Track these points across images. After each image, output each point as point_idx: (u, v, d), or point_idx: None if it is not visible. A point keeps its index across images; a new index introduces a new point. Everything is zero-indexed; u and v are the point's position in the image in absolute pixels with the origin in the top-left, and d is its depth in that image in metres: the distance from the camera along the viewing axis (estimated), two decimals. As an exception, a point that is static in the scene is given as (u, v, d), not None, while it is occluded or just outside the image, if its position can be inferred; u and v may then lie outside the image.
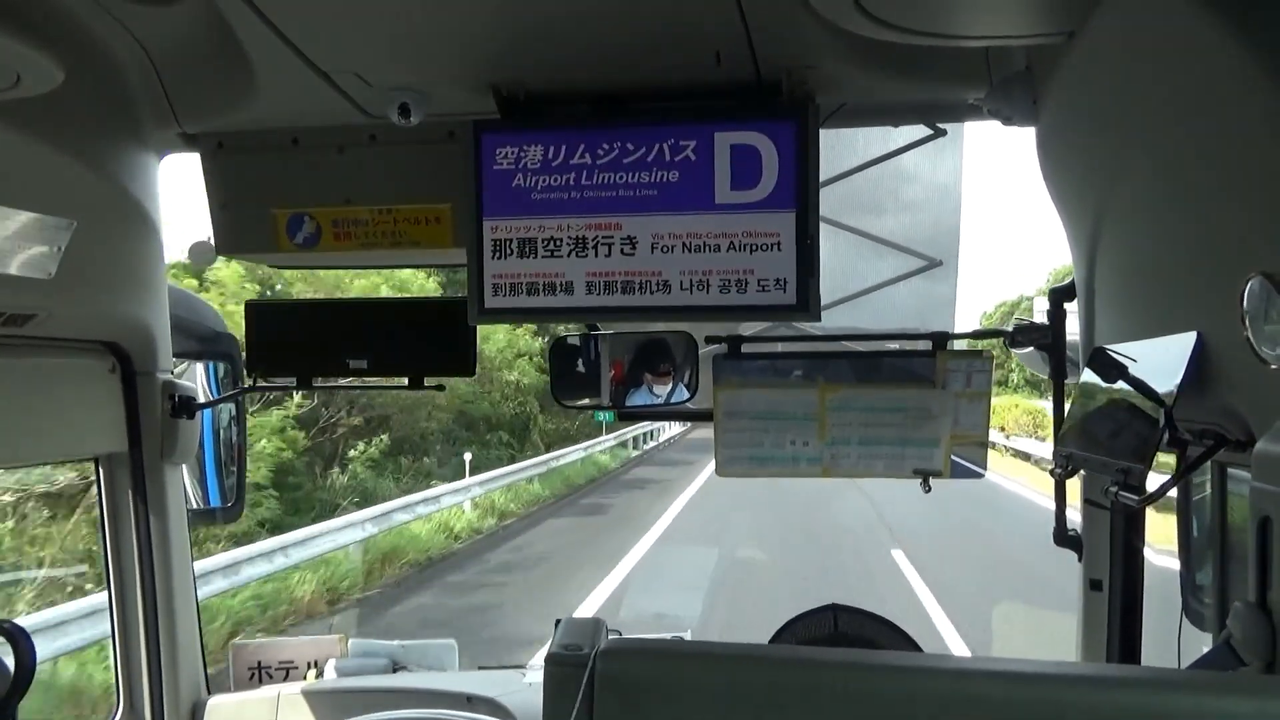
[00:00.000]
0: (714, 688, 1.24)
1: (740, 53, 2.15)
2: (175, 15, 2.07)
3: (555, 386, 2.96)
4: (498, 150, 2.38)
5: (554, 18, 2.05)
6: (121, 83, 2.32)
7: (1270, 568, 1.26)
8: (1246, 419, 1.45)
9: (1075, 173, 2.16)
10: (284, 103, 2.42)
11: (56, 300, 2.24)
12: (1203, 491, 2.12)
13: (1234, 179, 1.44)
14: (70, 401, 2.58)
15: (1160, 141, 1.68)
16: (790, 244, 2.28)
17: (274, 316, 2.90)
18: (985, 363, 2.50)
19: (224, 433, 3.13)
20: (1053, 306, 2.42)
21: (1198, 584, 2.23)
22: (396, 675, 3.15)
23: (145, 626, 2.79)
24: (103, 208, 2.34)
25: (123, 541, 2.78)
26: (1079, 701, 1.15)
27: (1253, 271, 1.32)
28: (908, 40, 1.89)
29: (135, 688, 2.81)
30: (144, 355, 2.70)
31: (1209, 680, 1.25)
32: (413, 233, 2.63)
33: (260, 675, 3.17)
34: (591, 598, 12.03)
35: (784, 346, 2.91)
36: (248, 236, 2.70)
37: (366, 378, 2.89)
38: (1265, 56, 1.31)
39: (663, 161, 2.32)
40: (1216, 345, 1.49)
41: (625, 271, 2.36)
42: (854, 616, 2.32)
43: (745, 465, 2.61)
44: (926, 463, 2.52)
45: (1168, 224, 1.72)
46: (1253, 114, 1.35)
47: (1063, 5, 1.77)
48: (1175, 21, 1.50)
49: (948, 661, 1.39)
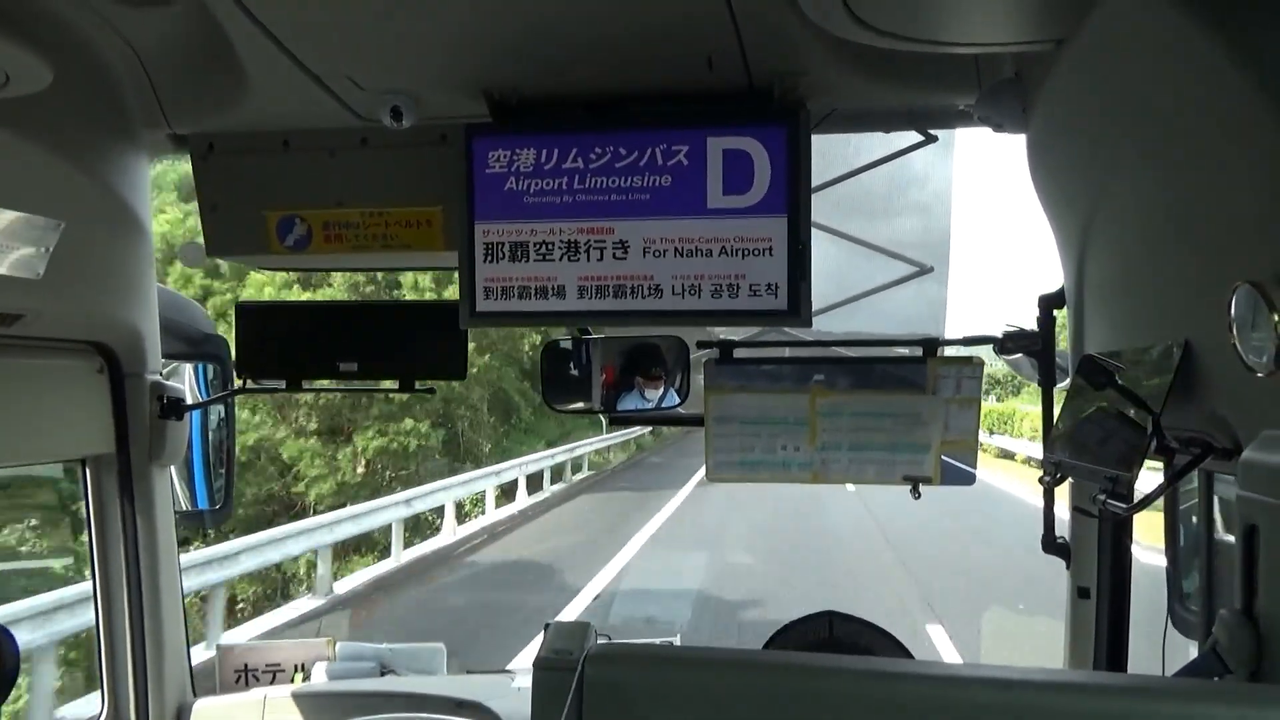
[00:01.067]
0: (703, 693, 1.24)
1: (732, 58, 2.16)
2: (166, 16, 2.06)
3: (546, 390, 2.96)
4: (489, 154, 2.37)
5: (546, 22, 2.05)
6: (111, 83, 2.31)
7: (1256, 575, 1.26)
8: (1233, 427, 1.46)
9: (1064, 180, 2.17)
10: (275, 105, 2.41)
11: (44, 300, 2.23)
12: (1190, 499, 2.13)
13: (1222, 187, 1.45)
14: (58, 402, 2.56)
15: (1149, 149, 1.69)
16: (782, 249, 2.29)
17: (264, 318, 2.89)
18: (976, 369, 2.50)
19: (213, 434, 3.11)
20: (1042, 313, 2.43)
21: (1184, 591, 2.24)
22: (384, 679, 3.14)
23: (131, 629, 2.77)
24: (92, 208, 2.33)
25: (110, 543, 2.76)
26: (1067, 708, 1.15)
27: (1240, 280, 1.32)
28: (898, 46, 1.90)
29: (120, 690, 2.79)
30: (132, 356, 2.69)
31: (1195, 688, 1.26)
32: (404, 236, 2.62)
33: (247, 678, 3.15)
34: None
35: (775, 352, 2.91)
36: (238, 238, 2.69)
37: (356, 380, 2.89)
38: (1253, 65, 1.32)
39: (654, 166, 2.32)
40: (1204, 353, 1.50)
41: (617, 276, 2.36)
42: (850, 624, 2.32)
43: (736, 470, 2.61)
44: (917, 468, 2.52)
45: (1156, 231, 1.73)
46: (1241, 122, 1.36)
47: (1052, 13, 1.78)
48: (1164, 30, 1.51)
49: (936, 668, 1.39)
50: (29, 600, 7.57)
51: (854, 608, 2.40)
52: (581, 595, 12.53)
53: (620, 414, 2.88)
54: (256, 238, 2.66)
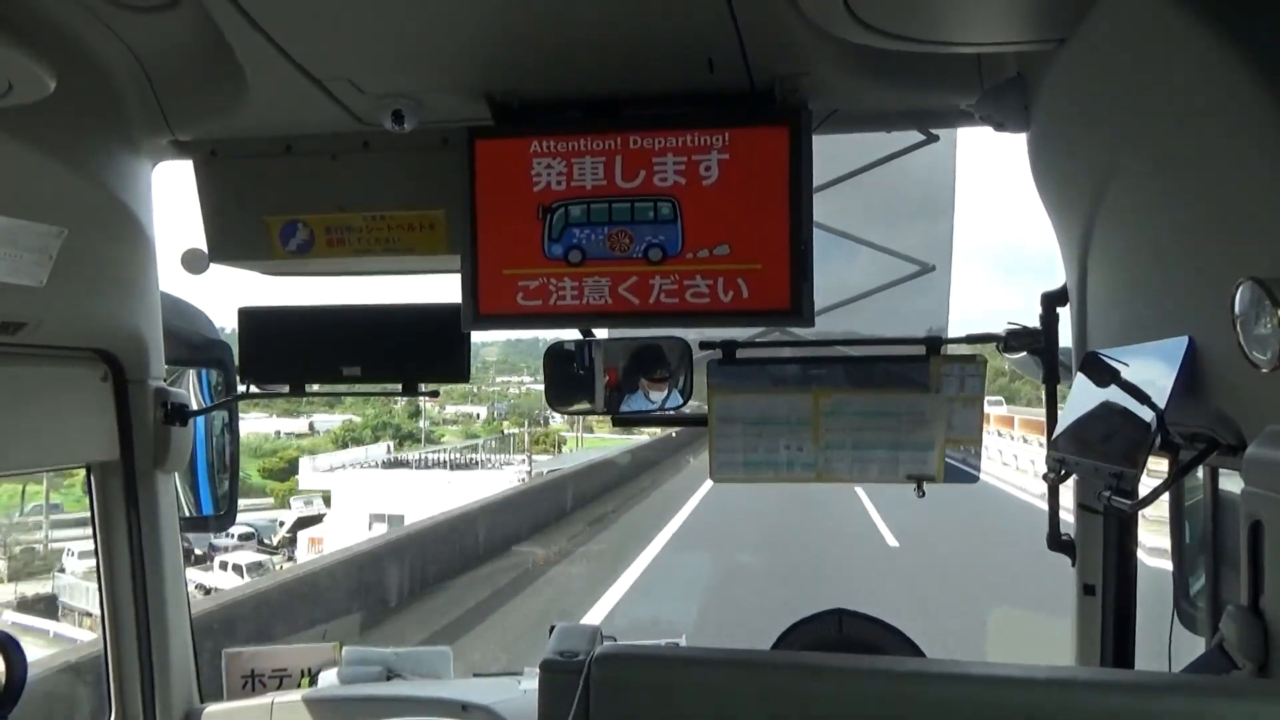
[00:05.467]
0: (708, 693, 1.24)
1: (733, 59, 2.16)
2: (167, 23, 2.06)
3: (550, 392, 2.96)
4: (491, 156, 2.38)
5: (547, 24, 2.06)
6: (113, 90, 2.31)
7: (1262, 571, 1.26)
8: (1238, 423, 1.46)
9: (1067, 178, 2.17)
10: (277, 110, 2.42)
11: (48, 308, 2.23)
12: (1195, 495, 2.12)
13: (1224, 184, 1.45)
14: (62, 409, 2.56)
15: (1151, 147, 1.69)
16: (784, 249, 2.29)
17: (266, 322, 2.90)
18: (979, 367, 2.50)
19: (217, 440, 3.11)
20: (1045, 311, 2.43)
21: (1190, 587, 2.24)
22: (391, 683, 3.13)
23: (138, 635, 2.78)
24: (95, 215, 2.34)
25: (115, 549, 2.76)
26: (1074, 705, 1.15)
27: (1243, 277, 1.32)
28: (899, 47, 1.90)
29: (128, 696, 2.79)
30: (136, 363, 2.69)
31: (1202, 683, 1.26)
32: (406, 239, 2.62)
33: (254, 683, 3.15)
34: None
35: (778, 352, 2.91)
36: (241, 244, 2.69)
37: (359, 384, 2.89)
38: (1254, 62, 1.32)
39: (656, 168, 2.32)
40: (1208, 350, 1.50)
41: (620, 277, 2.36)
42: (860, 621, 2.31)
43: (739, 470, 2.61)
44: (920, 467, 2.52)
45: (1159, 229, 1.73)
46: (1243, 120, 1.36)
47: (1053, 12, 1.78)
48: (1165, 28, 1.51)
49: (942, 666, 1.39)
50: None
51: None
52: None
53: (624, 415, 2.88)
54: (259, 243, 2.66)
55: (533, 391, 65.98)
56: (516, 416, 66.10)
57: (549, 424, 56.31)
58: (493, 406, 73.25)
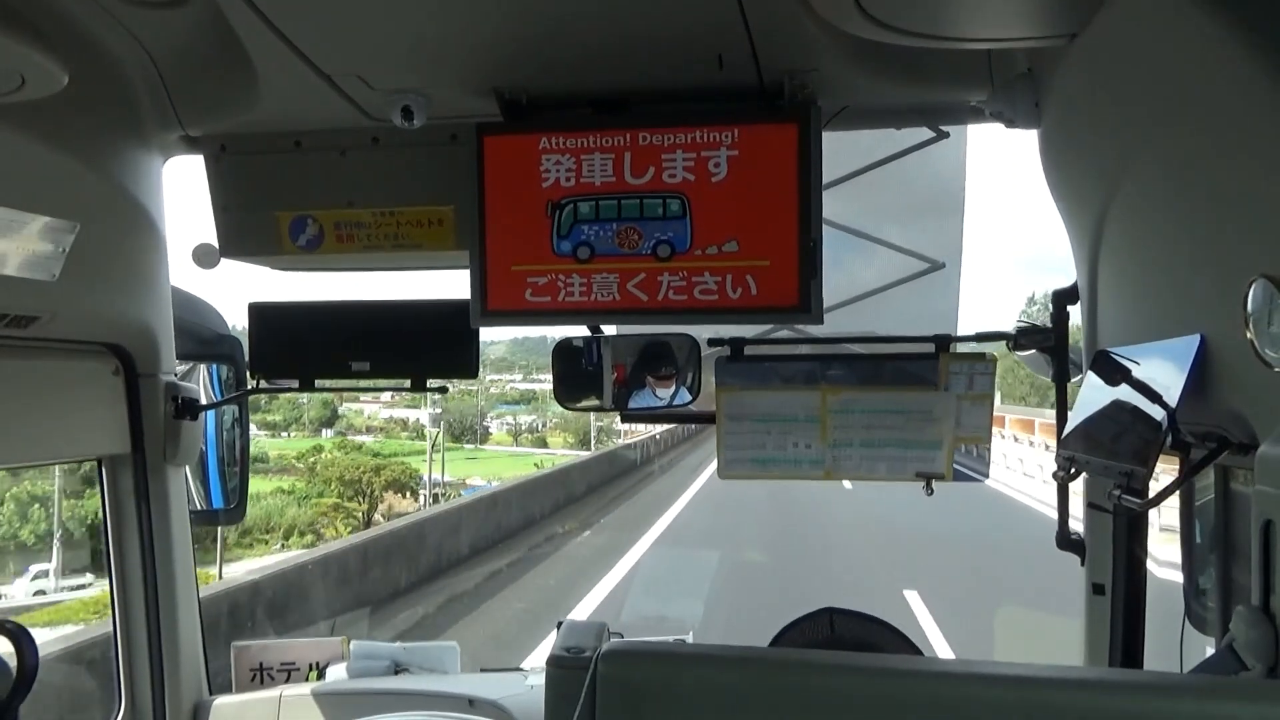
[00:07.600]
0: (715, 690, 1.24)
1: (742, 56, 2.15)
2: (179, 18, 2.07)
3: (558, 388, 2.96)
4: (500, 153, 2.38)
5: (557, 21, 2.05)
6: (125, 86, 2.32)
7: (1273, 571, 1.25)
8: (1250, 422, 1.45)
9: (1078, 175, 2.16)
10: (287, 106, 2.42)
11: (60, 302, 2.25)
12: (1206, 495, 2.11)
13: (1237, 181, 1.44)
14: (73, 403, 2.58)
15: (1163, 144, 1.68)
16: (793, 247, 2.28)
17: (276, 318, 2.91)
18: (988, 365, 2.49)
19: (227, 434, 3.13)
20: (1055, 309, 2.42)
21: (1200, 588, 2.22)
22: (398, 677, 3.15)
23: (148, 627, 2.79)
24: (106, 210, 2.35)
25: (125, 542, 2.78)
26: (1081, 705, 1.14)
27: (1256, 274, 1.31)
28: (909, 43, 1.89)
29: (137, 688, 2.81)
30: (147, 357, 2.71)
31: (1212, 684, 1.25)
32: (415, 235, 2.63)
33: (262, 676, 3.17)
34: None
35: (786, 349, 2.91)
36: (251, 239, 2.71)
37: (368, 380, 2.90)
38: (1267, 58, 1.31)
39: (665, 164, 2.32)
40: (1219, 348, 1.49)
41: (629, 273, 2.36)
42: (849, 619, 2.31)
43: (747, 467, 2.61)
44: (929, 465, 2.51)
45: (1171, 226, 1.71)
46: (1255, 116, 1.35)
47: (1064, 8, 1.77)
48: (1177, 24, 1.50)
49: (948, 665, 1.39)
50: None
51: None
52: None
53: (632, 411, 2.88)
54: (269, 238, 2.67)
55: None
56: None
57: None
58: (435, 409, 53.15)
